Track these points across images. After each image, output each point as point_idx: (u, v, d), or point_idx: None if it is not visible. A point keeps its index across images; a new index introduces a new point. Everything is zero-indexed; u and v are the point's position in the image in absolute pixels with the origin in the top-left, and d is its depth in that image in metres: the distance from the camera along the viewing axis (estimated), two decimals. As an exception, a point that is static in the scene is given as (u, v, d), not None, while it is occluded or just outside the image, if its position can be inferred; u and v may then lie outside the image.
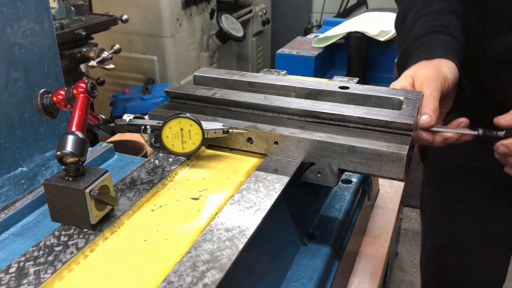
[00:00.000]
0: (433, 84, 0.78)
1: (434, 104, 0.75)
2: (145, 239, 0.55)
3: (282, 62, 2.06)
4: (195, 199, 0.63)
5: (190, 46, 2.97)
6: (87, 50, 2.15)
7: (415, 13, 0.94)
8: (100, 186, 0.56)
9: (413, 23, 0.93)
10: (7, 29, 0.71)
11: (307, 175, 0.70)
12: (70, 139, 0.55)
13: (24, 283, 0.48)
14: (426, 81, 0.78)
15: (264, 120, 0.74)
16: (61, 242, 0.54)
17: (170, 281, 0.47)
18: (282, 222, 0.69)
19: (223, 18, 3.09)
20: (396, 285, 2.32)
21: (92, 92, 0.60)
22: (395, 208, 1.04)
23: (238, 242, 0.52)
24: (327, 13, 3.99)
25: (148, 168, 0.69)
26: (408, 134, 0.67)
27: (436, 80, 0.79)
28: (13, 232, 0.68)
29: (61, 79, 0.83)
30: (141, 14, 2.72)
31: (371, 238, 0.94)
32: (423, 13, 0.93)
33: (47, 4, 0.78)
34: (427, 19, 0.91)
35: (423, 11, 0.93)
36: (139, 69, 2.86)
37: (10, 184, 0.74)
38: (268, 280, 0.63)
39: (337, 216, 0.81)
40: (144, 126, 0.68)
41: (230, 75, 0.87)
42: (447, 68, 0.82)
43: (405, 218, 2.75)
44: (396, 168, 0.64)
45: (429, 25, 0.90)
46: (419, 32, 0.90)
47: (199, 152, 0.74)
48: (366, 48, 2.04)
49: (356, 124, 0.70)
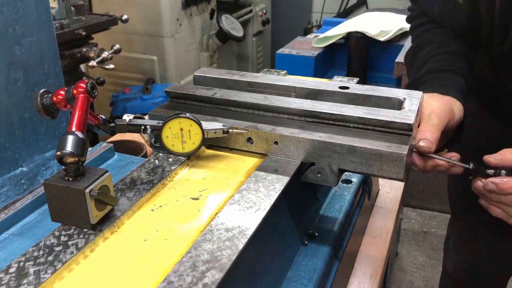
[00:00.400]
0: (442, 116, 0.81)
1: (438, 134, 0.78)
2: (145, 239, 0.55)
3: (282, 62, 2.06)
4: (195, 199, 0.63)
5: (190, 46, 2.97)
6: (87, 50, 2.15)
7: (431, 49, 0.99)
8: (100, 186, 0.56)
9: (428, 58, 0.97)
10: (7, 29, 0.71)
11: (307, 175, 0.70)
12: (70, 139, 0.55)
13: (24, 283, 0.48)
14: (437, 111, 0.81)
15: (264, 120, 0.74)
16: (61, 242, 0.54)
17: (170, 281, 0.47)
18: (282, 222, 0.69)
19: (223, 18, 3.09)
20: (396, 285, 2.32)
21: (92, 92, 0.60)
22: (395, 208, 1.04)
23: (238, 242, 0.52)
24: (327, 13, 4.00)
25: (148, 168, 0.69)
26: (408, 134, 0.67)
27: (446, 114, 0.82)
28: (13, 232, 0.68)
29: (61, 79, 0.83)
30: (141, 14, 2.72)
31: (371, 238, 0.94)
32: (439, 52, 0.97)
33: (47, 4, 0.78)
34: (443, 58, 0.96)
35: (440, 50, 0.98)
36: (139, 69, 2.86)
37: (10, 184, 0.74)
38: (268, 280, 0.63)
39: (337, 216, 0.81)
40: (144, 126, 0.68)
41: (230, 75, 0.87)
42: (456, 107, 0.86)
43: (405, 218, 2.75)
44: (396, 168, 0.64)
45: (445, 64, 0.94)
46: (434, 67, 0.95)
47: (199, 152, 0.74)
48: (366, 48, 2.04)
49: (356, 124, 0.70)
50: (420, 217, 2.79)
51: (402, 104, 0.73)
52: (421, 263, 2.45)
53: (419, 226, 2.72)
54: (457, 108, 0.86)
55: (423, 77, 0.94)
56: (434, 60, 0.96)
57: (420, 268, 2.42)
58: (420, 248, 2.55)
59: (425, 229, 2.69)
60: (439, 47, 0.98)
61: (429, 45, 1.00)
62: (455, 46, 0.98)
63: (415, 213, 2.83)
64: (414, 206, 2.86)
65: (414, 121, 0.68)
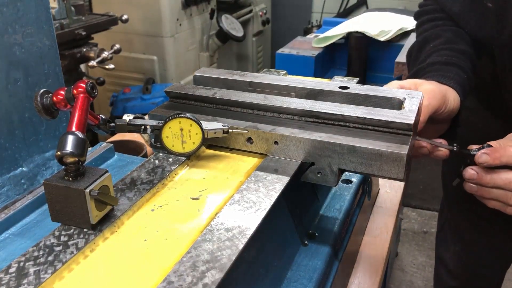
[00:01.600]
0: (433, 100, 0.80)
1: (425, 116, 0.78)
2: (145, 239, 0.55)
3: (282, 62, 2.06)
4: (195, 199, 0.63)
5: (190, 46, 2.97)
6: (87, 50, 2.15)
7: (438, 43, 0.99)
8: (100, 186, 0.56)
9: (434, 51, 0.97)
10: (7, 29, 0.71)
11: (307, 175, 0.70)
12: (70, 139, 0.55)
13: (24, 283, 0.48)
14: (430, 94, 0.81)
15: (264, 120, 0.74)
16: (61, 242, 0.54)
17: (170, 281, 0.47)
18: (282, 222, 0.69)
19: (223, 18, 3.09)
20: (396, 285, 2.32)
21: (92, 92, 0.60)
22: (395, 208, 1.04)
23: (238, 242, 0.52)
24: (327, 13, 4.00)
25: (148, 168, 0.69)
26: (408, 134, 0.67)
27: (438, 98, 0.81)
28: (13, 232, 0.68)
29: (61, 79, 0.83)
30: (141, 14, 2.72)
31: (371, 238, 0.94)
32: (446, 47, 0.97)
33: (47, 4, 0.78)
34: (450, 53, 0.95)
35: (447, 45, 0.97)
36: (139, 69, 2.86)
37: (10, 184, 0.74)
38: (268, 280, 0.63)
39: (337, 216, 0.81)
40: (144, 126, 0.68)
41: (230, 75, 0.87)
42: (451, 96, 0.85)
43: (405, 218, 2.75)
44: (396, 168, 0.64)
45: (450, 58, 0.94)
46: (439, 59, 0.94)
47: (199, 152, 0.74)
48: (366, 48, 2.05)
49: (356, 124, 0.70)
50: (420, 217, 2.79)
51: (402, 104, 0.73)
52: (421, 263, 2.45)
53: (419, 226, 2.72)
54: (452, 97, 0.84)
55: (427, 67, 0.94)
56: (440, 54, 0.95)
57: (420, 268, 2.42)
58: (420, 248, 2.55)
59: (425, 229, 2.69)
60: (446, 43, 0.98)
61: (437, 39, 1.00)
62: (463, 46, 0.98)
63: (415, 213, 2.83)
64: (414, 206, 2.86)
65: (414, 121, 0.68)
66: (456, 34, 1.01)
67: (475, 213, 1.30)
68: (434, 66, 0.93)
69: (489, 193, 0.76)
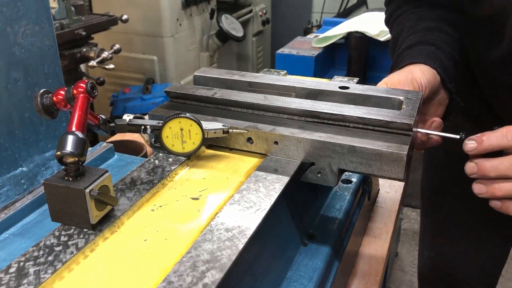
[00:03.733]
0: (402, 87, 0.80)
1: None
2: (145, 239, 0.55)
3: (282, 62, 2.06)
4: (195, 199, 0.63)
5: (190, 46, 2.97)
6: (87, 50, 2.15)
7: (404, 34, 0.98)
8: (100, 186, 0.56)
9: (401, 42, 0.96)
10: (7, 29, 0.71)
11: (307, 175, 0.70)
12: (70, 139, 0.55)
13: (24, 283, 0.48)
14: (397, 85, 0.80)
15: (264, 120, 0.74)
16: (61, 242, 0.54)
17: (170, 281, 0.47)
18: (282, 222, 0.69)
19: (223, 18, 3.09)
20: (396, 285, 2.32)
21: (92, 92, 0.60)
22: (395, 208, 1.04)
23: (238, 242, 0.52)
24: (327, 13, 3.99)
25: (148, 168, 0.69)
26: (408, 134, 0.67)
27: (404, 82, 0.81)
28: (13, 232, 0.68)
29: (61, 79, 0.83)
30: (141, 14, 2.72)
31: (371, 238, 0.94)
32: (410, 33, 0.96)
33: (47, 4, 0.78)
34: (413, 37, 0.94)
35: (411, 31, 0.96)
36: (139, 69, 2.86)
37: (10, 184, 0.74)
38: (268, 280, 0.63)
39: (337, 216, 0.81)
40: (144, 126, 0.68)
41: (230, 75, 0.87)
42: (419, 72, 0.83)
43: (405, 218, 2.75)
44: (396, 168, 0.64)
45: (414, 41, 0.92)
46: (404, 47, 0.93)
47: (199, 152, 0.74)
48: (366, 48, 2.05)
49: (356, 124, 0.70)
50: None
51: (402, 104, 0.73)
52: (421, 263, 2.45)
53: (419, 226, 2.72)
54: (420, 72, 0.82)
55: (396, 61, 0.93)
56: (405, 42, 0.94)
57: (420, 268, 2.42)
58: (420, 248, 2.55)
59: (425, 229, 2.69)
60: (410, 29, 0.97)
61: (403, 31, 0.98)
62: (425, 23, 0.96)
63: (415, 213, 2.82)
64: (414, 206, 2.85)
65: (414, 121, 0.68)
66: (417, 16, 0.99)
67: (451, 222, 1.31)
68: (401, 56, 0.91)
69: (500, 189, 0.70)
